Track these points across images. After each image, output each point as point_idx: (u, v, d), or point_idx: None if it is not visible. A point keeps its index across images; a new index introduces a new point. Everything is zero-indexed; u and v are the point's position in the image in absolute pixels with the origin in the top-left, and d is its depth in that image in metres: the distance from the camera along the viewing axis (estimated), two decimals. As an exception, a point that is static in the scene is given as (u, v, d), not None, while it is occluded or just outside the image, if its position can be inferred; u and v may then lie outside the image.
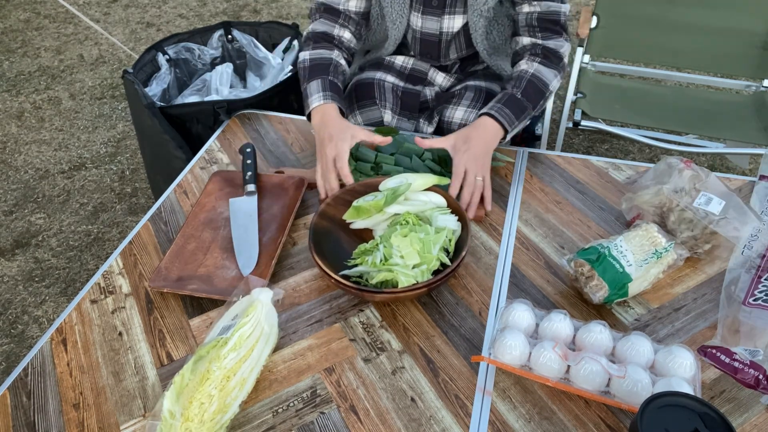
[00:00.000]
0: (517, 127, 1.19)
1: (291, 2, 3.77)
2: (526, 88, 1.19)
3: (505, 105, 1.17)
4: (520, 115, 1.18)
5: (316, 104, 1.20)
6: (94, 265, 2.09)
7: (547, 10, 1.22)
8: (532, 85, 1.19)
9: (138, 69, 1.80)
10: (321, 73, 1.25)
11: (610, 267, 0.93)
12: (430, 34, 1.34)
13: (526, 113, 1.19)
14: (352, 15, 1.33)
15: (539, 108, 1.22)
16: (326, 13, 1.32)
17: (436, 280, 0.92)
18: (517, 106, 1.18)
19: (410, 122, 1.39)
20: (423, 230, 0.97)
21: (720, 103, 2.15)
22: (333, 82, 1.24)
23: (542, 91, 1.21)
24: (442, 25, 1.31)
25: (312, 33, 1.32)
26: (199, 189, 1.25)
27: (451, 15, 1.30)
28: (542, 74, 1.21)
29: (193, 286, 1.01)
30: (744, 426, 0.81)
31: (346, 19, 1.33)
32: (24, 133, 2.74)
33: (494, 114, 1.16)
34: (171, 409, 0.79)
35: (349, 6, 1.32)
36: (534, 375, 0.84)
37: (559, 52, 1.23)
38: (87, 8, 3.81)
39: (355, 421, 0.83)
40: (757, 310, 0.91)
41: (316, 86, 1.22)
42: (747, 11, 1.97)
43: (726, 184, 1.05)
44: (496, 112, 1.16)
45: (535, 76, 1.20)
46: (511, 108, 1.17)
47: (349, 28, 1.33)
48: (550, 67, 1.22)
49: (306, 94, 1.24)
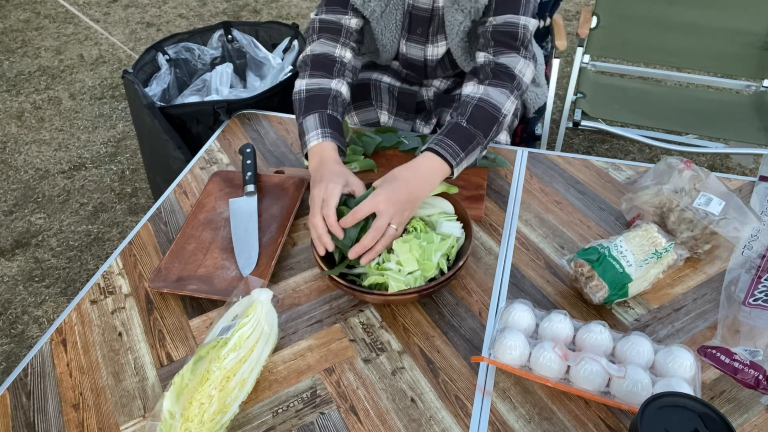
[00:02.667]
0: (465, 161, 1.03)
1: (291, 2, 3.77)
2: (473, 114, 1.04)
3: (447, 136, 1.02)
4: (467, 146, 1.02)
5: (314, 143, 1.07)
6: (94, 265, 2.09)
7: (503, 23, 1.10)
8: (480, 111, 1.04)
9: (138, 69, 1.80)
10: (319, 106, 1.11)
11: (610, 267, 0.93)
12: (415, 59, 1.33)
13: (476, 142, 1.03)
14: (353, 31, 1.22)
15: (494, 135, 1.07)
16: (325, 32, 1.20)
17: (427, 288, 0.92)
18: (463, 136, 1.02)
19: (407, 123, 1.39)
20: (427, 238, 0.97)
21: (720, 103, 2.15)
22: (332, 117, 1.11)
23: (493, 116, 1.05)
24: (426, 53, 1.30)
25: (310, 56, 1.19)
26: (198, 189, 1.25)
27: (435, 44, 1.28)
28: (491, 97, 1.06)
29: (193, 287, 1.01)
30: (744, 426, 0.81)
31: (348, 36, 1.21)
32: (24, 133, 2.74)
33: (434, 147, 1.00)
34: (171, 410, 0.79)
35: (351, 23, 1.21)
36: (534, 375, 0.84)
37: (511, 69, 1.09)
38: (87, 8, 3.81)
39: (355, 422, 0.83)
40: (757, 310, 0.91)
41: (314, 122, 1.09)
42: (747, 11, 1.97)
43: (726, 185, 1.05)
44: (436, 144, 1.01)
45: (482, 101, 1.05)
46: (455, 138, 1.01)
47: (351, 45, 1.22)
48: (500, 87, 1.07)
49: (302, 130, 1.10)
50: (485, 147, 1.07)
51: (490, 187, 1.22)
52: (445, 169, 1.01)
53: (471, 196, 1.17)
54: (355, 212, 0.93)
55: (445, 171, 1.01)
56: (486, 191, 1.20)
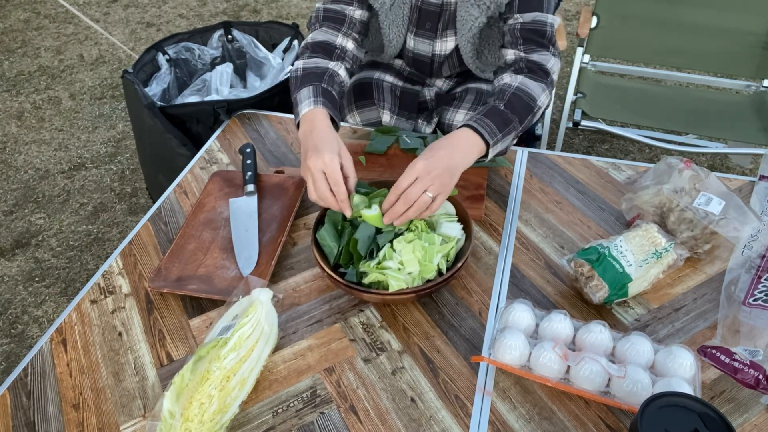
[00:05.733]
0: (500, 143, 1.04)
1: (291, 2, 3.77)
2: (511, 100, 1.06)
3: (485, 116, 1.03)
4: (504, 128, 1.03)
5: (306, 110, 1.05)
6: (94, 265, 2.09)
7: (531, 21, 1.12)
8: (517, 99, 1.06)
9: (138, 69, 1.80)
10: (313, 80, 1.10)
11: (610, 267, 0.93)
12: (422, 55, 1.33)
13: (512, 127, 1.05)
14: (357, 22, 1.22)
15: (527, 125, 1.09)
16: (328, 21, 1.20)
17: (426, 288, 0.92)
18: (501, 119, 1.03)
19: (409, 122, 1.39)
20: (428, 239, 0.97)
21: (720, 103, 2.15)
22: (326, 90, 1.09)
23: (529, 105, 1.07)
24: (434, 48, 1.30)
25: (310, 43, 1.19)
26: (199, 189, 1.25)
27: (443, 39, 1.28)
28: (528, 87, 1.08)
29: (193, 287, 1.01)
30: (744, 426, 0.81)
31: (350, 26, 1.21)
32: (24, 133, 2.74)
33: (472, 124, 1.01)
34: (171, 410, 0.79)
35: (355, 14, 1.21)
36: (534, 375, 0.84)
37: (544, 65, 1.11)
38: (87, 8, 3.81)
39: (355, 422, 0.83)
40: (756, 310, 0.91)
41: (307, 93, 1.08)
42: (747, 11, 1.97)
43: (726, 184, 1.05)
44: (474, 122, 1.02)
45: (520, 90, 1.07)
46: (493, 119, 1.03)
47: (353, 36, 1.21)
48: (537, 81, 1.09)
49: (296, 102, 1.09)
50: (518, 134, 1.08)
51: (490, 187, 1.22)
52: (482, 146, 1.01)
53: (471, 196, 1.17)
54: (397, 188, 0.94)
55: (481, 148, 1.01)
56: (486, 191, 1.20)
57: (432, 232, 0.99)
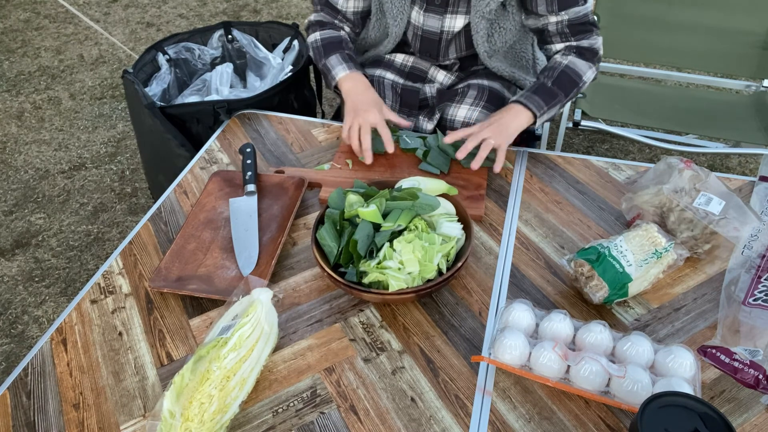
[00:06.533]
0: (546, 113, 1.22)
1: (291, 2, 3.77)
2: (559, 77, 1.23)
3: (534, 93, 1.22)
4: (550, 101, 1.21)
5: (343, 73, 1.28)
6: (94, 265, 2.09)
7: (575, 16, 1.24)
8: (564, 75, 1.23)
9: (138, 69, 1.80)
10: (337, 48, 1.32)
11: (610, 267, 0.93)
12: (431, 32, 1.34)
13: (557, 100, 1.22)
14: (349, 15, 1.38)
15: (571, 97, 1.25)
16: (327, 7, 1.38)
17: (426, 287, 0.92)
18: (547, 94, 1.22)
19: (410, 119, 1.39)
20: (429, 239, 0.97)
21: (720, 103, 2.15)
22: (351, 56, 1.32)
23: (575, 81, 1.23)
24: (443, 23, 1.31)
25: (315, 21, 1.39)
26: (199, 189, 1.25)
27: (453, 14, 1.29)
28: (576, 66, 1.24)
29: (193, 286, 1.01)
30: (744, 426, 0.81)
31: (342, 19, 1.38)
32: (24, 133, 2.74)
33: (522, 101, 1.20)
34: (171, 409, 0.79)
35: (347, 7, 1.36)
36: (534, 375, 0.84)
37: (594, 47, 1.26)
38: (87, 8, 3.81)
39: (355, 421, 0.83)
40: (756, 310, 0.91)
41: (337, 59, 1.30)
42: (747, 11, 1.97)
43: (726, 184, 1.05)
44: (524, 99, 1.21)
45: (568, 67, 1.24)
46: (541, 95, 1.21)
47: (346, 27, 1.39)
48: (585, 60, 1.25)
49: (327, 68, 1.31)
50: (563, 105, 1.26)
51: (490, 187, 1.22)
52: (530, 116, 1.21)
53: (471, 196, 1.17)
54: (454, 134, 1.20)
55: (529, 118, 1.21)
56: (486, 191, 1.20)
57: (432, 231, 0.99)
